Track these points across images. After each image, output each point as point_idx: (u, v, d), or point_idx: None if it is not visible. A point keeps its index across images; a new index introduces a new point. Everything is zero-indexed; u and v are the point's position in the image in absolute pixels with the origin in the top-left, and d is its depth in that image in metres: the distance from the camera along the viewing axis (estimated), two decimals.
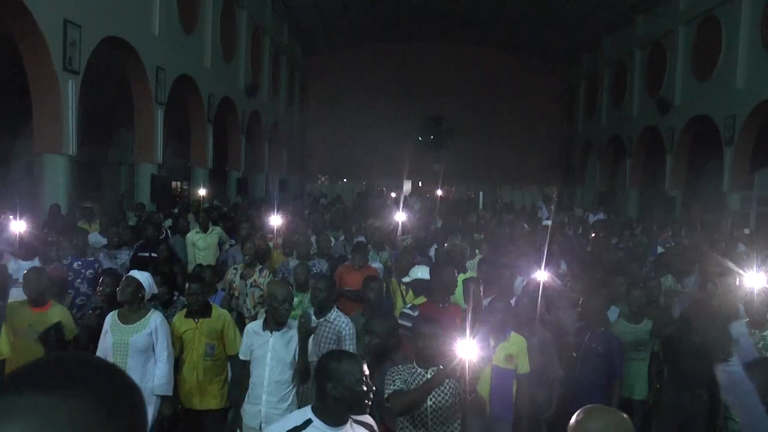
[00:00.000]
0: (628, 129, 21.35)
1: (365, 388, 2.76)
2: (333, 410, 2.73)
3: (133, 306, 4.77)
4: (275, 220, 9.19)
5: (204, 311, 5.07)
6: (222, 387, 5.12)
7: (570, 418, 2.31)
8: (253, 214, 12.02)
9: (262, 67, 21.29)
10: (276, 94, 23.66)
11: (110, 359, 4.60)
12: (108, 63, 12.47)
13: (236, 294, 6.72)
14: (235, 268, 6.96)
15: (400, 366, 3.99)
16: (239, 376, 4.73)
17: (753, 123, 14.35)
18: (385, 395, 3.89)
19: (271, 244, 8.85)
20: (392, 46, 27.80)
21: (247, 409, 4.40)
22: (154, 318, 4.80)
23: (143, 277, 4.87)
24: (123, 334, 4.70)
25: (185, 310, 5.14)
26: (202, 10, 15.81)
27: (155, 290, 5.11)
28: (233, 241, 9.26)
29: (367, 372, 2.81)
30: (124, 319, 4.75)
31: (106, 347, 4.71)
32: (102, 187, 18.13)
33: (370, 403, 2.77)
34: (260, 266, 6.87)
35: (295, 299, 5.83)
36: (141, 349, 4.70)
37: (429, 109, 28.13)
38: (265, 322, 4.51)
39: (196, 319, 5.02)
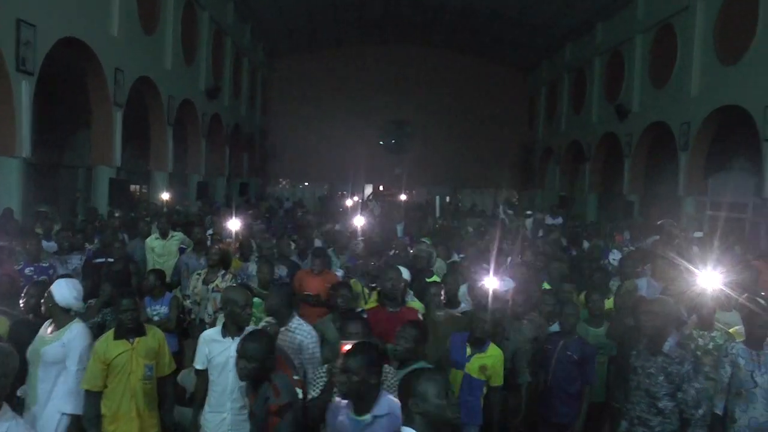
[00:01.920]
0: (588, 134, 21.67)
1: (446, 403, 2.73)
2: (422, 429, 2.69)
3: (54, 316, 4.54)
4: (234, 225, 9.11)
5: (138, 329, 4.60)
6: (158, 414, 4.65)
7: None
8: (214, 218, 11.89)
9: (223, 69, 21.09)
10: (237, 97, 23.45)
11: (29, 369, 4.50)
12: (64, 64, 12.22)
13: (198, 300, 6.65)
14: (199, 273, 6.88)
15: (328, 365, 4.01)
16: (173, 396, 4.65)
17: (707, 130, 14.69)
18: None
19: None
20: (355, 49, 27.80)
21: (210, 418, 4.28)
22: (72, 329, 4.50)
23: (58, 286, 4.58)
24: (39, 343, 4.47)
25: (111, 331, 4.60)
26: (162, 11, 15.60)
27: (74, 297, 4.65)
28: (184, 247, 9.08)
29: (448, 387, 2.80)
30: (50, 329, 4.54)
31: (26, 356, 4.50)
32: (58, 190, 17.74)
33: (455, 419, 2.77)
34: (223, 271, 6.80)
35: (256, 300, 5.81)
36: (51, 361, 4.42)
37: (391, 112, 28.19)
38: (225, 327, 4.41)
39: (131, 339, 4.52)
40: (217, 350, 4.34)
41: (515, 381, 5.30)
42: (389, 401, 3.22)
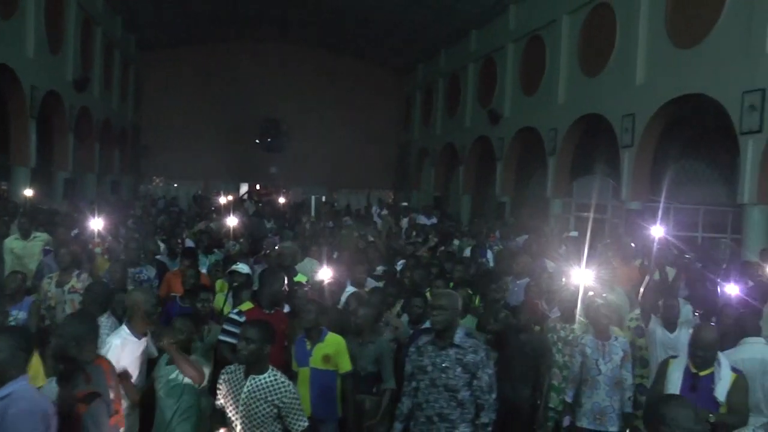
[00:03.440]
0: (462, 137, 22.38)
1: (699, 428, 2.92)
2: None
3: None
4: (97, 224, 8.76)
5: None
6: None
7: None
8: (78, 217, 11.32)
9: (93, 60, 20.03)
10: (108, 90, 22.36)
11: None
12: None
13: (53, 304, 6.38)
14: (50, 277, 6.62)
15: (233, 366, 4.02)
16: None
17: (572, 136, 15.61)
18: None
19: (98, 249, 8.45)
20: (231, 45, 27.23)
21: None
22: None
23: None
24: None
25: None
26: None
27: None
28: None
29: (698, 411, 3.06)
30: None
31: None
32: None
33: None
34: (77, 271, 6.63)
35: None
36: None
37: (268, 110, 27.79)
38: (133, 328, 4.56)
39: None
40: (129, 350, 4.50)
41: (378, 383, 5.42)
42: (17, 385, 3.13)
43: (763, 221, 10.32)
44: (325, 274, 6.34)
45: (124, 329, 4.61)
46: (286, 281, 5.90)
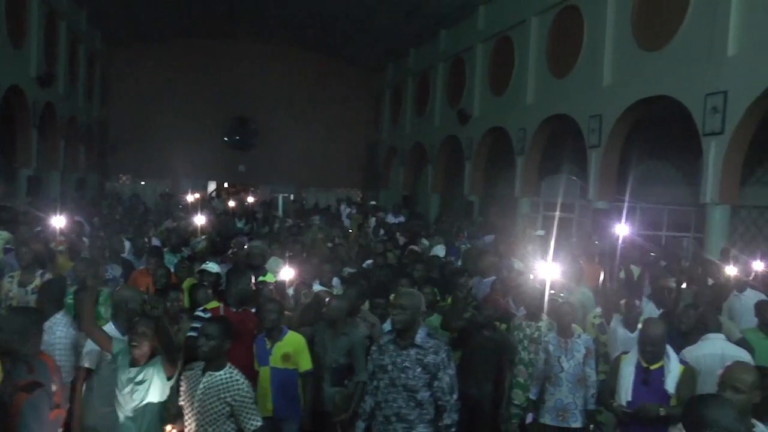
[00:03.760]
0: (431, 137, 22.44)
1: (743, 428, 2.94)
2: None
3: None
4: (59, 222, 8.63)
5: None
6: None
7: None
8: (41, 216, 11.13)
9: (57, 55, 19.66)
10: (74, 86, 21.96)
11: None
12: None
13: (14, 304, 6.27)
14: (11, 276, 6.48)
15: (195, 363, 4.04)
16: None
17: (540, 136, 15.74)
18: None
19: (61, 248, 8.34)
20: (201, 42, 26.90)
21: (105, 416, 4.53)
22: None
23: None
24: None
25: None
26: None
27: None
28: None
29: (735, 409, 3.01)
30: None
31: None
32: None
33: None
34: (41, 270, 6.52)
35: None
36: None
37: (236, 108, 27.58)
38: (119, 324, 4.69)
39: None
40: (118, 346, 4.49)
41: (350, 377, 5.42)
42: None
43: (724, 221, 10.54)
44: (287, 273, 6.34)
45: (110, 326, 4.70)
46: (253, 280, 5.89)
